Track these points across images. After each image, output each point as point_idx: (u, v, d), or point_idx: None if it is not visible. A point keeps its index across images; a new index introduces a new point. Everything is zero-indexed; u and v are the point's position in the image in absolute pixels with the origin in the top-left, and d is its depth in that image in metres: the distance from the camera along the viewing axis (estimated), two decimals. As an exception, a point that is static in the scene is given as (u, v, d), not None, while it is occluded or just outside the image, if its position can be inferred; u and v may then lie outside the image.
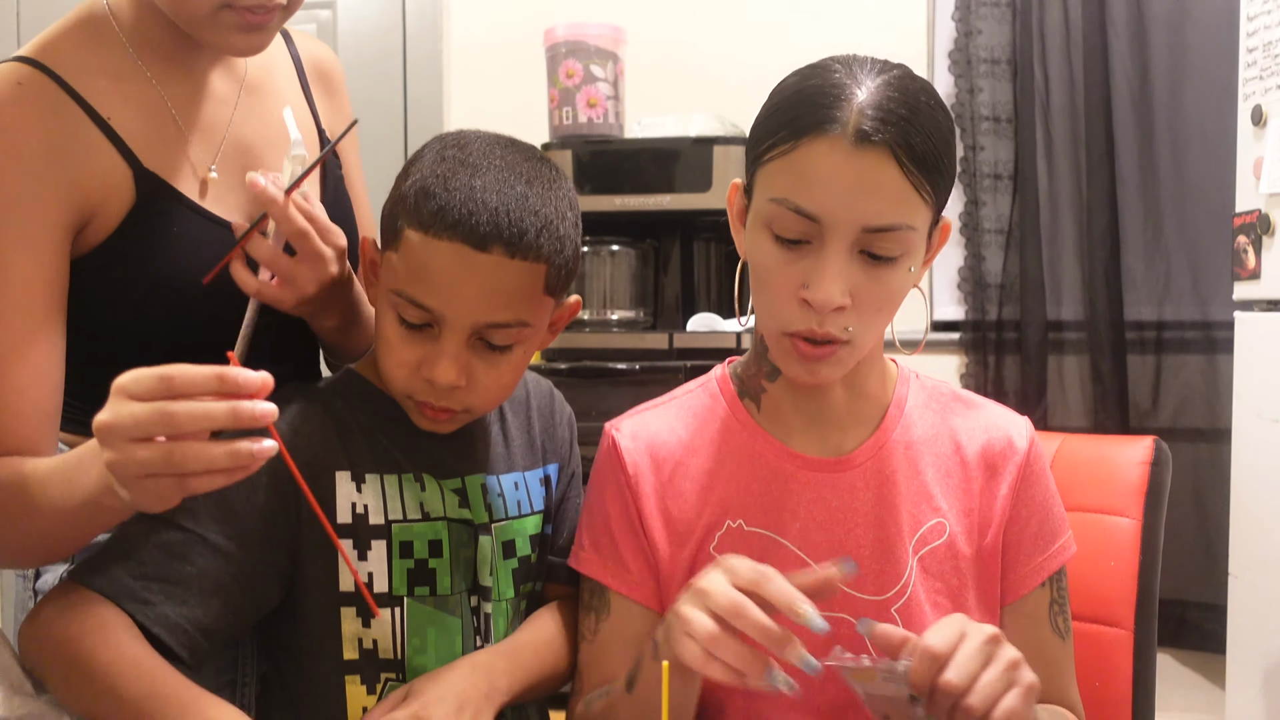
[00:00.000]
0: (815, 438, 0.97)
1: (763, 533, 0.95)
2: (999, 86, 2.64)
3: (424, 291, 0.89)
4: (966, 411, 1.00)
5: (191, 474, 0.72)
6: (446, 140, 0.95)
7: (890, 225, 0.84)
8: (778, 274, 0.87)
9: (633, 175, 2.19)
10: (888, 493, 0.95)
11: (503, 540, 1.02)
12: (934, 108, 0.86)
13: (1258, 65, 2.04)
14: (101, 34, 0.98)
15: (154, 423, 0.70)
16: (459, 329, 0.90)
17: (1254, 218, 2.04)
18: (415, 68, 2.87)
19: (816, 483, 0.95)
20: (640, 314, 2.30)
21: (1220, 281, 2.42)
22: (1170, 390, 2.58)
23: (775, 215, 0.86)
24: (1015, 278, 2.61)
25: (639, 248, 2.29)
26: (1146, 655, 1.14)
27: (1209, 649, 2.38)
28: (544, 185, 0.93)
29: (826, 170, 0.83)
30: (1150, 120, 2.57)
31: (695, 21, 2.75)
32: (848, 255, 0.85)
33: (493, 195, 0.88)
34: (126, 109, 0.96)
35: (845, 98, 0.83)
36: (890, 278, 0.86)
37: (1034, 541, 0.97)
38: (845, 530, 0.94)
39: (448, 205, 0.88)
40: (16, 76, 0.92)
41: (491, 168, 0.90)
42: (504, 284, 0.89)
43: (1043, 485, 0.98)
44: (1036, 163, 2.60)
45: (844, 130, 0.82)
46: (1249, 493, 2.04)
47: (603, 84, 2.24)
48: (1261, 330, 2.02)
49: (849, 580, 0.81)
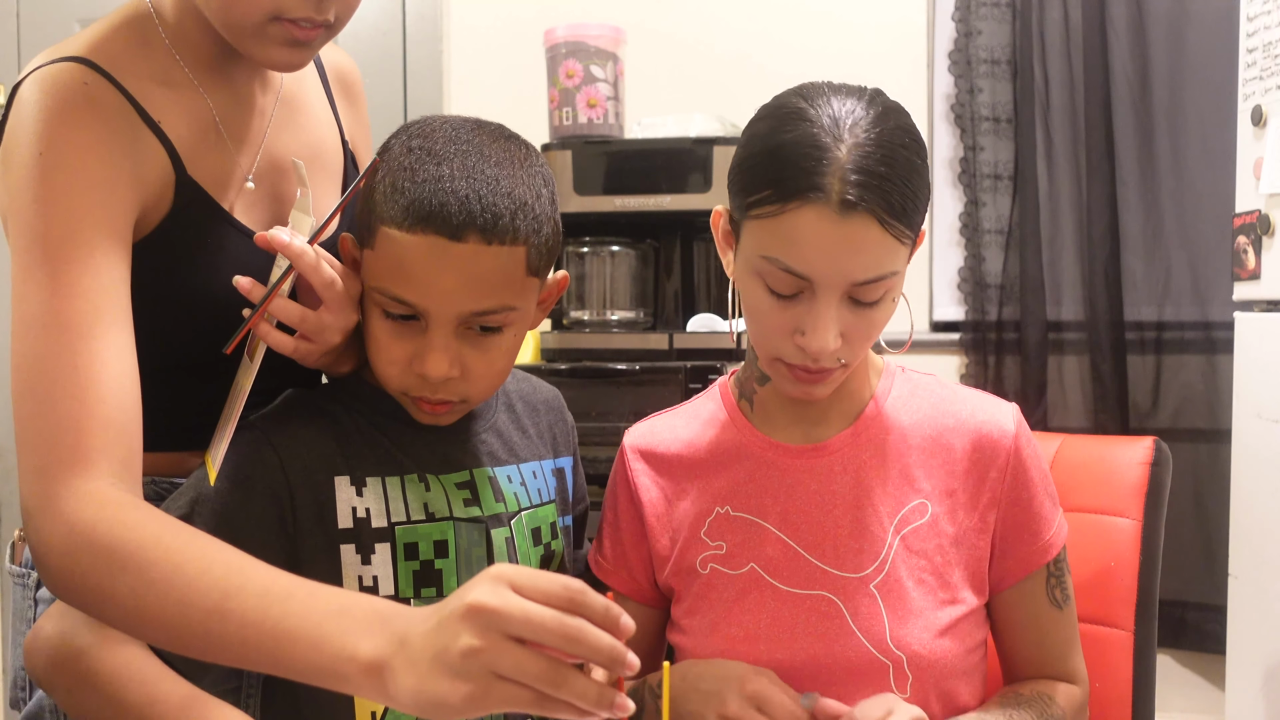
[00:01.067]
0: (799, 430, 1.03)
1: (747, 517, 1.01)
2: (999, 86, 2.64)
3: (405, 287, 0.88)
4: (953, 399, 1.04)
5: (554, 700, 0.64)
6: (411, 130, 0.93)
7: (876, 277, 0.89)
8: (772, 318, 0.93)
9: (633, 176, 2.19)
10: (866, 476, 1.00)
11: (531, 527, 1.03)
12: (909, 146, 0.90)
13: (1258, 65, 2.04)
14: (147, 37, 0.96)
15: (551, 632, 0.63)
16: (444, 321, 0.89)
17: (1254, 218, 2.04)
18: (415, 68, 2.87)
19: (795, 469, 1.01)
20: (640, 314, 2.30)
21: (1220, 282, 2.42)
22: (1170, 391, 2.58)
23: (767, 271, 0.91)
24: (1015, 278, 2.61)
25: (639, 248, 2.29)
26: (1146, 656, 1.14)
27: (1209, 650, 2.39)
28: (515, 165, 0.91)
29: (813, 237, 0.87)
30: (1150, 120, 2.57)
31: (695, 21, 2.75)
32: (838, 304, 0.90)
33: (461, 183, 0.87)
34: (174, 115, 0.94)
35: (828, 161, 0.87)
36: (876, 315, 0.93)
37: (1030, 524, 1.00)
38: (823, 511, 0.99)
39: (418, 199, 0.87)
40: (82, 77, 0.89)
41: (458, 154, 0.89)
42: (484, 271, 0.88)
43: (1033, 468, 1.01)
44: (1036, 163, 2.60)
45: (828, 199, 0.86)
46: (1249, 493, 2.04)
47: (603, 84, 2.24)
48: (1261, 330, 2.02)
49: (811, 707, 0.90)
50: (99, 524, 0.77)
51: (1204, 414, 2.54)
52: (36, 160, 0.86)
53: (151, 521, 0.78)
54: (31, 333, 0.83)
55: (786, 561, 0.99)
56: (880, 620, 0.95)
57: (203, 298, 0.95)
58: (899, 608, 0.95)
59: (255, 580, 0.73)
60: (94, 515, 0.77)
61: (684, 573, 1.03)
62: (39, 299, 0.84)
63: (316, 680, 0.69)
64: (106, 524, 0.77)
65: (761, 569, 0.99)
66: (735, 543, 1.01)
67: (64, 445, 0.80)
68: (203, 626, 0.73)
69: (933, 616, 0.95)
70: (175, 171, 0.93)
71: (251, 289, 0.91)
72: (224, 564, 0.75)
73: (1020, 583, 1.00)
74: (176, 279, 0.95)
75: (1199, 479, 2.50)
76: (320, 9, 0.90)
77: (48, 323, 0.83)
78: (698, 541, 1.02)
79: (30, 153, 0.86)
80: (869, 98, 0.91)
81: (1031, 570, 1.00)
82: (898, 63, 2.69)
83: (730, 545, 1.01)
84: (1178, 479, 1.22)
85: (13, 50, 2.94)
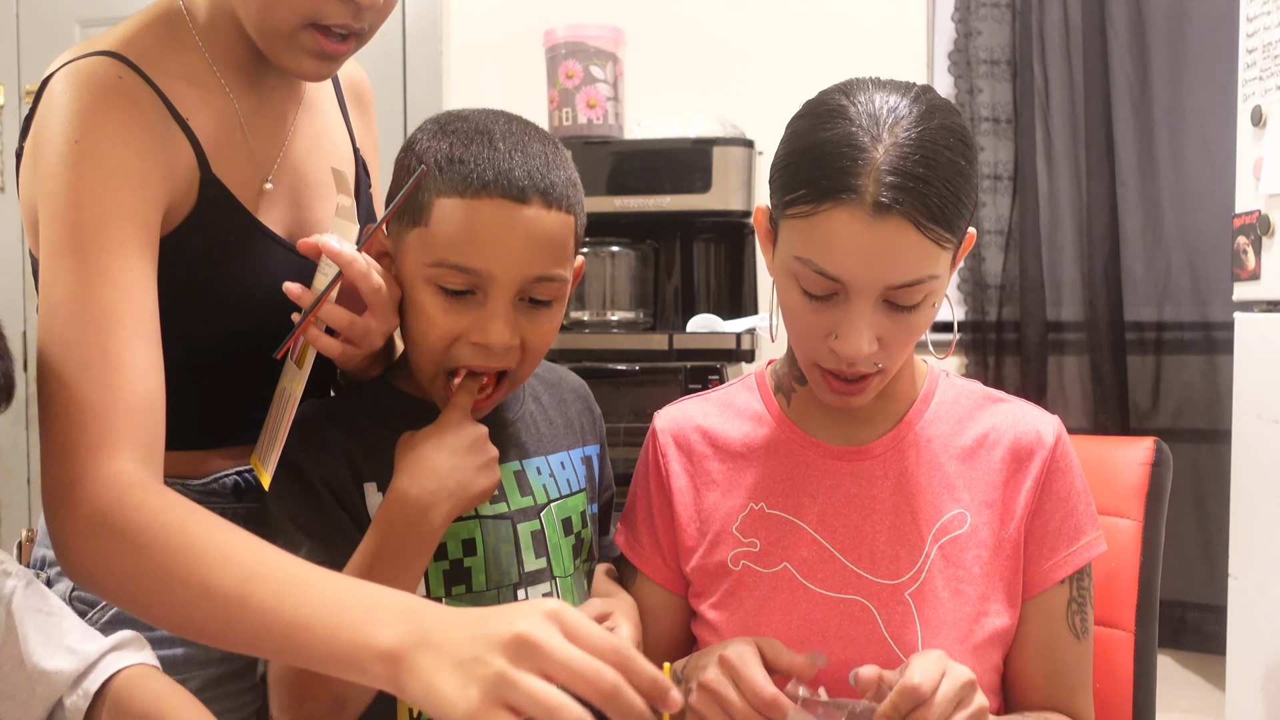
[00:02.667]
0: (839, 431, 1.01)
1: (782, 515, 1.00)
2: (999, 87, 2.64)
3: (469, 254, 0.90)
4: (995, 407, 1.02)
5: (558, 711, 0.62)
6: (441, 119, 0.96)
7: (913, 280, 0.86)
8: (807, 319, 0.91)
9: (633, 176, 2.19)
10: (907, 483, 0.98)
11: (561, 518, 1.04)
12: (953, 149, 0.86)
13: (1258, 65, 2.04)
14: (178, 35, 0.97)
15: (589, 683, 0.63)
16: (507, 286, 0.91)
17: (1254, 218, 2.04)
18: (415, 68, 2.87)
19: (836, 470, 1.00)
20: (640, 315, 2.30)
21: (1220, 282, 2.42)
22: (1170, 391, 2.58)
23: (801, 272, 0.89)
24: (1015, 278, 2.61)
25: (639, 248, 2.29)
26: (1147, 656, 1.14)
27: (1209, 650, 2.38)
28: (552, 145, 0.95)
29: (847, 238, 0.85)
30: (1150, 120, 2.57)
31: (695, 21, 2.75)
32: (873, 308, 0.88)
33: (517, 154, 0.91)
34: (202, 114, 0.95)
35: (864, 161, 0.84)
36: (915, 320, 0.90)
37: (1056, 536, 0.98)
38: (862, 516, 0.98)
39: (480, 166, 0.89)
40: (116, 71, 0.90)
41: (508, 134, 0.93)
42: (545, 234, 0.91)
43: (1068, 481, 0.99)
44: (1036, 163, 2.60)
45: (862, 201, 0.84)
46: (1249, 493, 2.04)
47: (602, 85, 2.24)
48: (1261, 331, 2.02)
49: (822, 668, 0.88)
50: (124, 507, 0.77)
51: (1204, 414, 2.54)
52: (70, 149, 0.86)
53: (176, 506, 0.78)
54: (60, 318, 0.84)
55: (821, 564, 0.97)
56: (913, 629, 0.93)
57: (225, 297, 0.96)
58: (933, 618, 0.94)
59: (277, 568, 0.74)
60: (118, 498, 0.78)
61: (712, 567, 1.02)
62: (69, 286, 0.84)
63: (332, 669, 0.69)
64: (132, 508, 0.77)
65: (795, 569, 0.98)
66: (769, 541, 0.99)
67: (90, 429, 0.80)
68: (222, 612, 0.73)
69: (966, 630, 0.94)
70: (200, 169, 0.94)
71: (301, 295, 0.92)
72: (247, 551, 0.75)
73: (1043, 594, 0.97)
74: (200, 277, 0.95)
75: (1199, 479, 2.50)
76: (358, 17, 0.91)
77: (76, 309, 0.83)
78: (729, 537, 1.01)
79: (63, 142, 0.87)
80: (914, 95, 0.88)
81: (1055, 581, 0.97)
82: (897, 63, 2.68)
83: (764, 543, 0.99)
84: (1178, 479, 1.22)
85: (12, 50, 2.94)
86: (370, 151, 1.19)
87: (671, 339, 2.17)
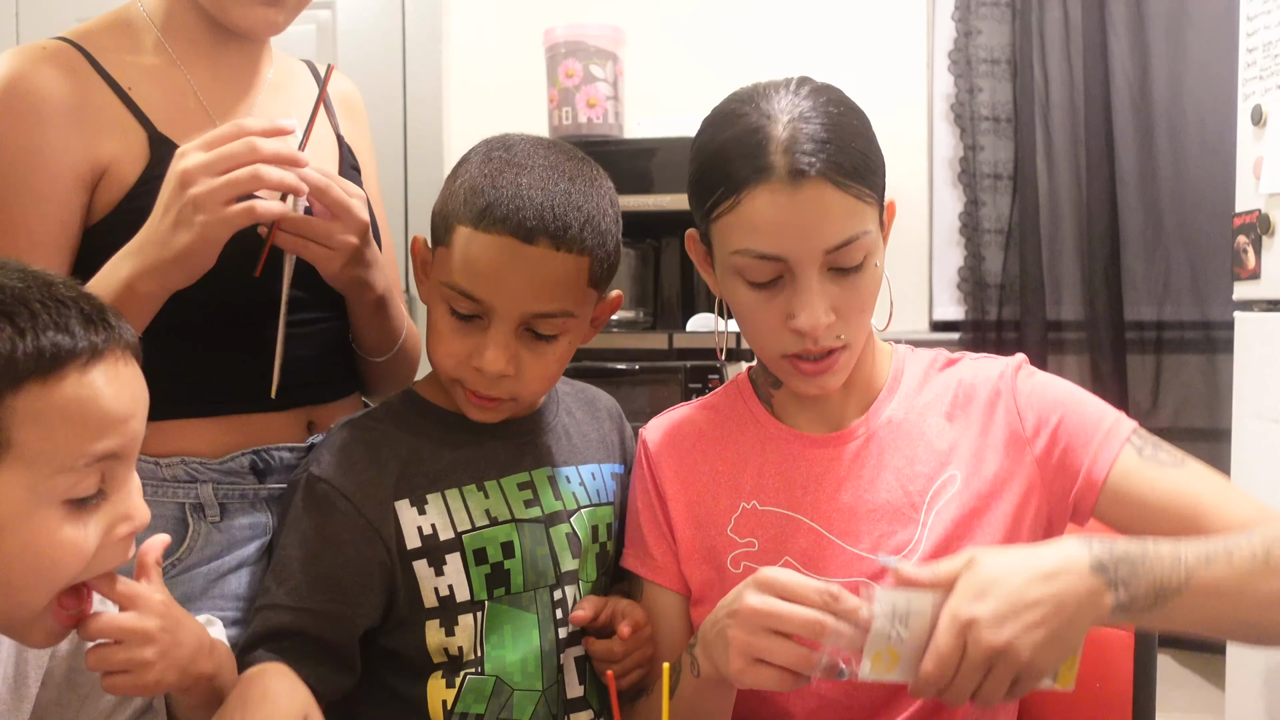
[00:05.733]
0: (820, 421, 1.03)
1: (777, 510, 1.01)
2: (999, 86, 2.64)
3: (474, 283, 0.94)
4: (960, 365, 1.05)
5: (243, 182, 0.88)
6: (492, 144, 1.00)
7: (849, 239, 0.89)
8: (760, 312, 0.93)
9: (633, 175, 2.19)
10: (892, 456, 0.99)
11: (591, 524, 1.07)
12: (846, 114, 0.91)
13: (1258, 65, 2.03)
14: (133, 25, 1.06)
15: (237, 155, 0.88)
16: (508, 319, 0.95)
17: (1254, 218, 2.04)
18: (415, 68, 2.87)
19: (823, 458, 1.01)
20: (640, 314, 2.30)
21: (1220, 281, 2.42)
22: (1170, 390, 2.58)
23: (743, 265, 0.92)
24: (1015, 278, 2.61)
25: (639, 248, 2.29)
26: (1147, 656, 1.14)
27: (1209, 649, 2.38)
28: (586, 183, 0.98)
29: (774, 215, 0.88)
30: (1150, 120, 2.57)
31: (695, 21, 2.75)
32: (820, 278, 0.90)
33: (538, 192, 0.94)
34: (147, 82, 1.02)
35: (769, 142, 0.88)
36: (862, 282, 0.92)
37: (1076, 435, 0.95)
38: (855, 497, 0.99)
39: (496, 201, 0.93)
40: (44, 44, 1.00)
41: (536, 167, 0.96)
42: (550, 275, 0.94)
43: (1042, 390, 0.99)
44: (1036, 163, 2.60)
45: (777, 174, 0.88)
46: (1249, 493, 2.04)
47: (602, 84, 2.24)
48: (1261, 330, 2.02)
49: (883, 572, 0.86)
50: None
51: (1204, 413, 2.54)
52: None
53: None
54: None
55: (820, 551, 0.98)
56: None
57: None
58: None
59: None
60: None
61: (711, 569, 1.02)
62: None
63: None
64: None
65: (797, 561, 0.98)
66: (767, 538, 1.00)
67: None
68: None
69: None
70: (146, 130, 1.01)
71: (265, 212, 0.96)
72: None
73: (1107, 484, 0.92)
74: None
75: (1199, 479, 2.50)
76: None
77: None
78: (724, 539, 1.02)
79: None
80: (797, 82, 0.94)
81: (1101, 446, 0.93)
82: (897, 63, 2.69)
83: (762, 541, 1.00)
84: (1178, 478, 1.22)
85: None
86: (364, 156, 1.23)
87: (671, 338, 2.17)
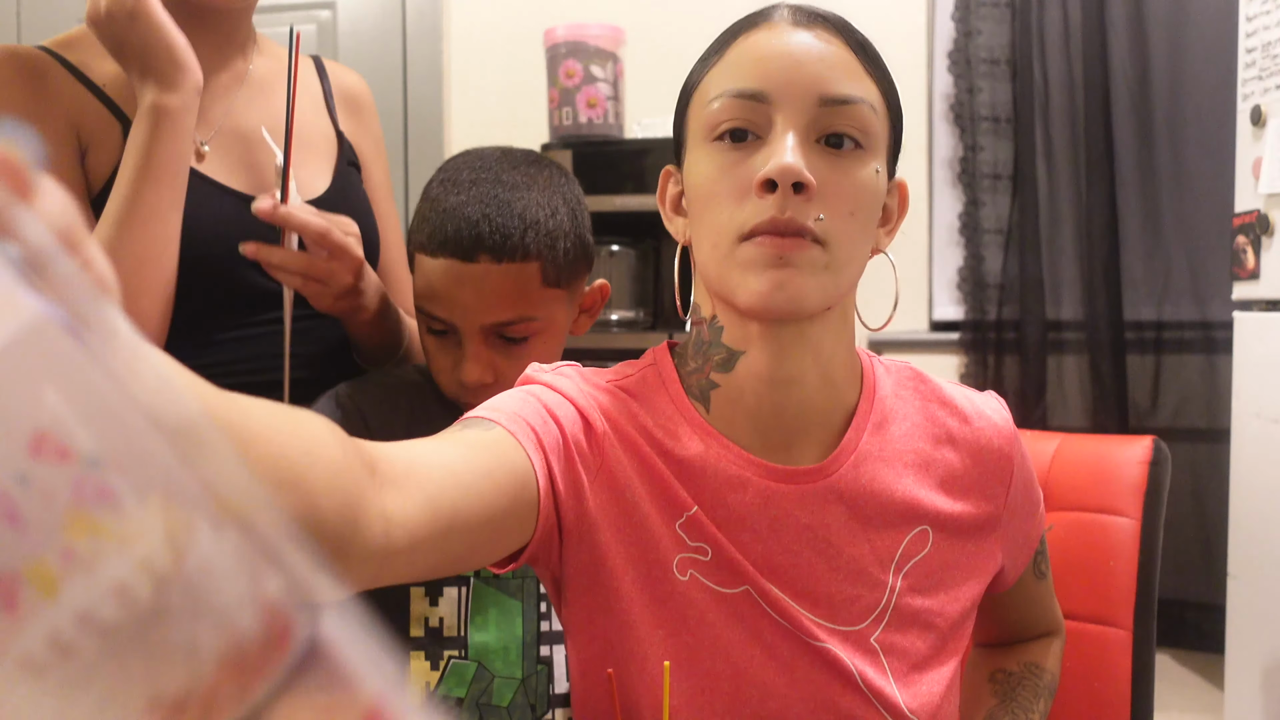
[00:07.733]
0: (773, 442, 0.80)
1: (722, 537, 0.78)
2: (999, 86, 2.64)
3: (433, 305, 0.98)
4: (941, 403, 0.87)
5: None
6: (447, 165, 1.03)
7: (849, 97, 0.74)
8: (726, 179, 0.74)
9: (633, 175, 2.19)
10: (864, 506, 0.80)
11: None
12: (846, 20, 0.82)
13: (1257, 65, 2.04)
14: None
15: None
16: (471, 333, 0.97)
17: (1253, 218, 2.04)
18: (415, 68, 2.87)
19: (779, 497, 0.78)
20: (640, 314, 2.30)
21: (1220, 281, 2.42)
22: (1169, 390, 2.58)
23: (715, 116, 0.75)
24: (1015, 278, 2.61)
25: (639, 248, 2.29)
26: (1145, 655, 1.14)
27: (1208, 649, 2.39)
28: (530, 189, 0.99)
29: (769, 48, 0.75)
30: (1150, 120, 2.57)
31: (695, 21, 2.75)
32: (804, 136, 0.73)
33: (474, 208, 0.96)
34: (120, 79, 1.02)
35: (770, 10, 0.80)
36: (855, 168, 0.74)
37: (1025, 536, 0.92)
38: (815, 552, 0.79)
39: (438, 225, 0.97)
40: (12, 48, 1.02)
41: (476, 182, 0.98)
42: (497, 287, 0.96)
43: (1028, 473, 0.90)
44: (1036, 163, 2.60)
45: (779, 17, 0.78)
46: (1248, 493, 2.04)
47: (602, 84, 2.24)
48: (1261, 330, 2.02)
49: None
50: None
51: (1203, 413, 2.54)
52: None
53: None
54: None
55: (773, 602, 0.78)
56: (885, 676, 0.80)
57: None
58: (903, 663, 0.80)
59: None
60: None
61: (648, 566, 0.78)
62: None
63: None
64: None
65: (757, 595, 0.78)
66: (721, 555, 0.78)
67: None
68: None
69: (939, 673, 0.82)
70: (120, 121, 1.02)
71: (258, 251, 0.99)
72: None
73: (1011, 585, 0.95)
74: None
75: (1198, 478, 2.50)
76: None
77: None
78: (670, 533, 0.77)
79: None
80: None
81: (1026, 563, 0.94)
82: (897, 62, 2.67)
83: (715, 554, 0.78)
84: (1177, 478, 1.23)
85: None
86: (371, 153, 1.23)
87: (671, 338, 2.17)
